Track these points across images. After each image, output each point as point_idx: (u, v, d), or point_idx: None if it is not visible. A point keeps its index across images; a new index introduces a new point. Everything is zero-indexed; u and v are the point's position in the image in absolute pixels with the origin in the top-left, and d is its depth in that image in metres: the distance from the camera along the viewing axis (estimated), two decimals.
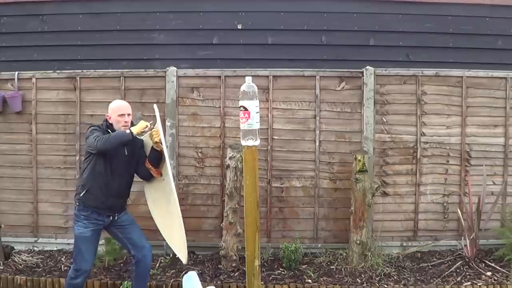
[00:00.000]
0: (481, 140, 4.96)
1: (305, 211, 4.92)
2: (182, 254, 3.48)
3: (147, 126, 3.47)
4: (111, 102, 3.65)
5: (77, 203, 3.48)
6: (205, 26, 5.07)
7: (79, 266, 3.41)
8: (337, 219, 4.90)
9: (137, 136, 3.43)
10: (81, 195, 3.43)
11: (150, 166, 3.58)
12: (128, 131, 3.37)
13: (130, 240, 3.58)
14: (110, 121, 3.51)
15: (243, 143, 2.79)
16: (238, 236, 4.45)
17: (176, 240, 3.54)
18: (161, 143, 3.46)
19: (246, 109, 2.73)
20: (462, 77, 4.93)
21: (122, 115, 3.48)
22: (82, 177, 3.53)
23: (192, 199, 4.92)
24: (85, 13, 5.09)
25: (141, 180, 3.77)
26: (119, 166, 3.48)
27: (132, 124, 3.55)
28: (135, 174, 3.69)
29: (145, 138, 3.61)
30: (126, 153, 3.50)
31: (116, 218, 3.55)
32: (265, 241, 4.79)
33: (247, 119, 2.73)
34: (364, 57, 5.01)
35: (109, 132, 3.45)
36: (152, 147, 3.54)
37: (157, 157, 3.56)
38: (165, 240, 3.79)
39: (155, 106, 3.61)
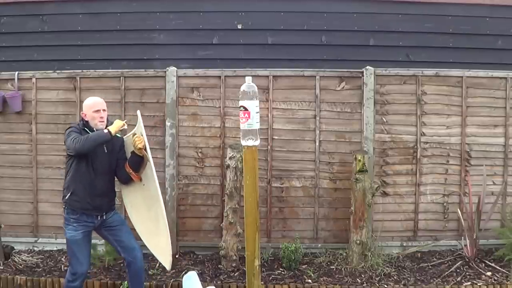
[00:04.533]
0: (481, 140, 4.96)
1: (305, 211, 4.92)
2: (166, 261, 3.45)
3: (124, 124, 3.42)
4: (110, 102, 3.63)
5: (65, 207, 3.46)
6: (205, 26, 5.07)
7: (75, 269, 3.39)
8: (337, 219, 4.90)
9: (116, 135, 3.42)
10: (67, 197, 3.41)
11: (131, 171, 3.51)
12: (106, 130, 3.33)
13: (120, 242, 3.55)
14: (86, 119, 3.47)
15: (243, 143, 2.79)
16: (238, 236, 4.45)
17: (159, 247, 3.50)
18: (145, 149, 3.41)
19: (246, 109, 2.73)
20: (462, 77, 4.93)
21: (97, 111, 3.44)
22: (66, 179, 3.48)
23: (192, 199, 4.92)
24: (85, 13, 5.10)
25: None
26: (100, 164, 3.44)
27: (108, 122, 3.52)
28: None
29: (127, 140, 3.59)
30: (106, 151, 3.46)
31: (105, 218, 3.52)
32: (265, 241, 4.79)
33: (247, 119, 2.73)
34: (364, 57, 5.01)
35: (86, 131, 3.42)
36: (133, 151, 3.48)
37: (138, 162, 3.50)
38: None
39: (138, 112, 3.53)
